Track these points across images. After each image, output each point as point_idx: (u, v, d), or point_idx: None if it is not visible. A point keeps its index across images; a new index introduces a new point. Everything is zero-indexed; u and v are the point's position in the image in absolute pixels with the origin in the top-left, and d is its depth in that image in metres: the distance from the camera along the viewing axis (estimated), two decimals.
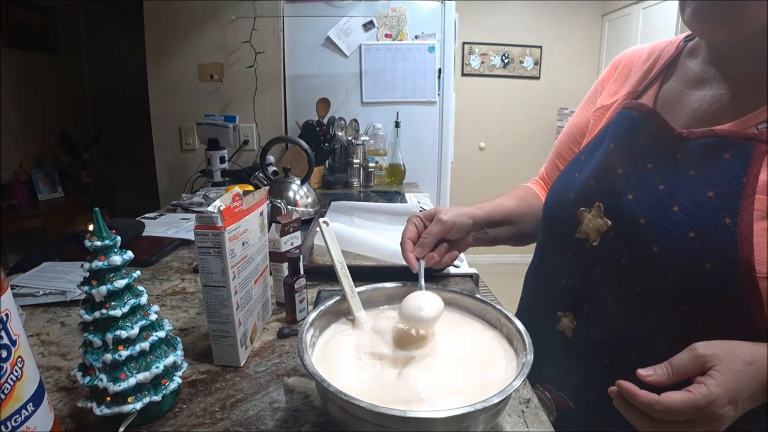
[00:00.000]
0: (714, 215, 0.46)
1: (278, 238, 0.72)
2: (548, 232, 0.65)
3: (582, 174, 0.61)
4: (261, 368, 0.60)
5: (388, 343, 0.52)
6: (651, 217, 0.51)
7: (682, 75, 0.59)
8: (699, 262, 0.46)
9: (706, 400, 0.39)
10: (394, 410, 0.38)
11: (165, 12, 2.00)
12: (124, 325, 0.47)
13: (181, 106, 2.09)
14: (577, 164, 0.64)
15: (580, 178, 0.61)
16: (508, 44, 3.64)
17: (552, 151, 0.81)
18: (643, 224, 0.51)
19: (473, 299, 0.59)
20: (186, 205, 1.53)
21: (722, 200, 0.47)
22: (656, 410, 0.40)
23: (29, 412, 0.39)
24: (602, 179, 0.57)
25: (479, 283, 0.91)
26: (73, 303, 0.79)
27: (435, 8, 2.06)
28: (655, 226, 0.50)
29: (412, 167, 2.06)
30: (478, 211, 0.70)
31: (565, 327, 0.61)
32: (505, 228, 0.73)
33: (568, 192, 0.61)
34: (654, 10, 2.85)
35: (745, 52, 0.51)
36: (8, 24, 2.53)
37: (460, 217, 0.66)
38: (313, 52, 2.07)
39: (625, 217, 0.53)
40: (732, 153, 0.48)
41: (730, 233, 0.45)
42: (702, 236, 0.46)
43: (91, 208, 0.48)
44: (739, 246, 0.44)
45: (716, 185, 0.48)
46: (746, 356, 0.41)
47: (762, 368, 0.41)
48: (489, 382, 0.45)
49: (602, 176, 0.57)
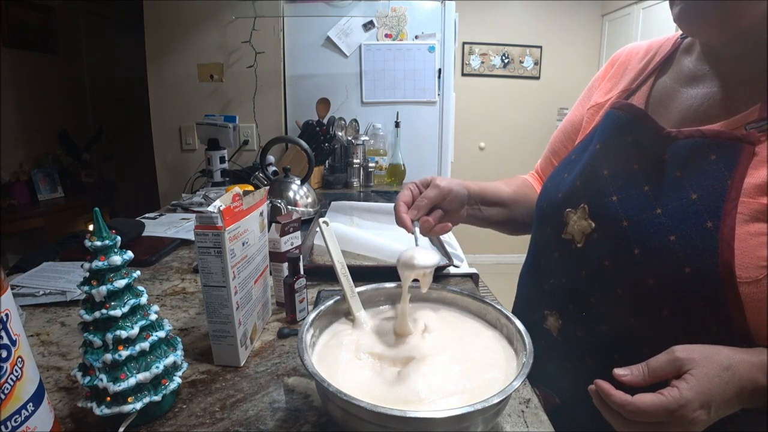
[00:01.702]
0: (696, 218, 0.46)
1: (278, 238, 0.72)
2: (539, 232, 0.66)
3: (570, 174, 0.61)
4: (261, 368, 0.60)
5: (388, 343, 0.52)
6: (634, 219, 0.50)
7: (676, 72, 0.58)
8: (679, 266, 0.46)
9: (677, 403, 0.39)
10: (394, 410, 0.38)
11: (165, 12, 1.99)
12: (124, 325, 0.47)
13: (181, 106, 2.09)
14: (567, 164, 0.64)
15: (568, 179, 0.61)
16: (508, 44, 3.64)
17: (547, 147, 0.81)
18: (625, 226, 0.51)
19: (473, 299, 0.59)
20: (186, 205, 1.53)
21: (705, 203, 0.46)
22: (628, 411, 0.40)
23: (29, 412, 0.39)
24: (588, 180, 0.57)
25: (479, 283, 0.91)
26: (73, 303, 0.79)
27: (435, 8, 2.05)
28: (638, 229, 0.50)
29: (412, 167, 2.05)
30: (473, 185, 0.70)
31: (551, 326, 0.61)
32: (499, 210, 0.74)
33: (557, 192, 0.61)
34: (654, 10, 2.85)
35: (738, 50, 0.51)
36: (8, 24, 2.53)
37: (456, 185, 0.67)
38: (313, 52, 2.07)
39: (609, 219, 0.53)
40: (718, 154, 0.47)
41: (711, 237, 0.44)
42: (683, 240, 0.46)
43: (91, 208, 0.48)
44: (719, 250, 0.43)
45: (700, 187, 0.47)
46: (723, 361, 0.41)
47: (738, 374, 0.41)
48: (489, 382, 0.45)
49: (588, 177, 0.57)
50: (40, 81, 2.80)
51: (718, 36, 0.51)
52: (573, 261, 0.57)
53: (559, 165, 0.68)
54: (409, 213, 0.62)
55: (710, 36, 0.52)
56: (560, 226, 0.59)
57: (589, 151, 0.60)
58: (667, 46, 0.62)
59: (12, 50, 2.56)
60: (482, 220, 0.73)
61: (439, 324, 0.56)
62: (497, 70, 3.68)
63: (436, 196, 0.64)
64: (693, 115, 0.53)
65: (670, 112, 0.56)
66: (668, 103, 0.56)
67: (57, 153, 2.84)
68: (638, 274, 0.49)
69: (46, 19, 2.84)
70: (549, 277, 0.62)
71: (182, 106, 2.09)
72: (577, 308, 0.57)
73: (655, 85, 0.59)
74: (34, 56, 2.75)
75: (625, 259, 0.50)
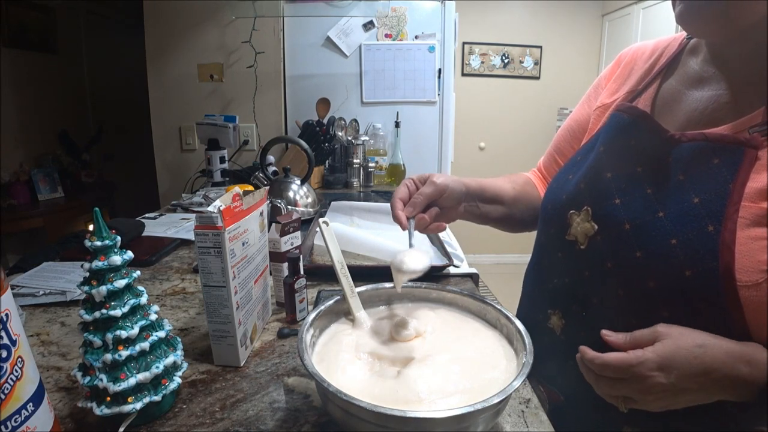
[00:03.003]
0: (698, 222, 0.46)
1: (278, 238, 0.72)
2: (544, 232, 0.66)
3: (574, 176, 0.61)
4: (261, 368, 0.60)
5: (388, 343, 0.52)
6: (636, 222, 0.51)
7: (682, 73, 0.58)
8: (680, 269, 0.46)
9: (636, 360, 0.42)
10: (394, 410, 0.38)
11: (165, 12, 1.99)
12: (124, 325, 0.47)
13: (181, 106, 2.09)
14: (572, 165, 0.65)
15: (573, 181, 0.61)
16: (508, 44, 3.64)
17: (551, 145, 0.80)
18: (627, 229, 0.51)
19: (473, 299, 0.59)
20: (186, 205, 1.53)
21: (707, 207, 0.46)
22: (596, 365, 0.45)
23: (29, 412, 0.40)
24: (591, 183, 0.58)
25: (479, 283, 0.91)
26: (73, 303, 0.79)
27: (435, 8, 2.06)
28: (640, 232, 0.50)
29: (412, 167, 2.05)
30: (471, 182, 0.71)
31: (554, 325, 0.62)
32: (497, 207, 0.74)
33: (561, 194, 0.62)
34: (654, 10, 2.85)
35: (741, 50, 0.51)
36: (8, 24, 2.53)
37: (453, 182, 0.67)
38: (313, 52, 2.07)
39: (611, 222, 0.53)
40: (721, 158, 0.47)
41: (712, 241, 0.45)
42: (684, 243, 0.46)
43: (91, 208, 0.48)
44: (720, 254, 0.44)
45: (703, 191, 0.47)
46: (698, 339, 0.43)
47: (711, 353, 0.42)
48: (489, 382, 0.45)
49: (591, 180, 0.58)
50: (40, 81, 2.80)
51: (720, 35, 0.51)
52: (576, 262, 0.57)
53: (564, 166, 0.68)
54: (405, 210, 0.62)
55: (712, 35, 0.52)
56: (564, 227, 0.59)
57: (593, 154, 0.60)
58: (673, 47, 0.61)
59: (12, 50, 2.56)
60: (479, 217, 0.73)
61: (439, 324, 0.56)
62: (497, 70, 3.68)
63: (433, 193, 0.64)
64: (698, 117, 0.53)
65: (675, 115, 0.56)
66: (674, 105, 0.56)
67: (57, 153, 2.83)
68: (639, 277, 0.49)
69: (46, 19, 2.84)
70: (552, 277, 0.62)
71: (182, 106, 2.09)
72: (579, 308, 0.58)
73: (661, 87, 0.59)
74: (34, 56, 2.75)
75: (627, 262, 0.51)
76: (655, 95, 0.59)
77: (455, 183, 0.67)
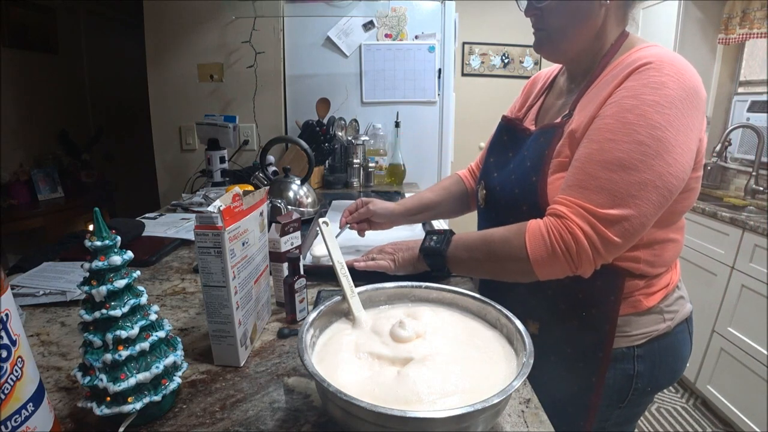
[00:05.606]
0: (527, 176, 0.73)
1: (278, 238, 0.72)
2: None
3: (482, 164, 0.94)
4: (261, 368, 0.60)
5: (388, 343, 0.52)
6: (502, 184, 0.80)
7: (556, 89, 0.84)
8: (520, 205, 0.75)
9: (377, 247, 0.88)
10: (394, 410, 0.38)
11: (165, 12, 1.99)
12: (124, 325, 0.47)
13: (181, 106, 2.09)
14: None
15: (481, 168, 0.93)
16: (508, 44, 3.64)
17: None
18: (498, 189, 0.81)
19: (473, 299, 0.59)
20: (186, 205, 1.53)
21: (533, 166, 0.73)
22: None
23: (29, 412, 0.40)
24: (484, 166, 0.89)
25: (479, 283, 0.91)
26: (73, 303, 0.79)
27: (435, 8, 2.06)
28: (503, 189, 0.79)
29: (412, 167, 2.06)
30: (398, 207, 1.03)
31: None
32: (425, 214, 1.06)
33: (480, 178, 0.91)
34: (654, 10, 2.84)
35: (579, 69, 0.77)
36: (8, 24, 2.53)
37: (381, 210, 1.02)
38: (313, 52, 2.07)
39: (491, 187, 0.83)
40: (545, 137, 0.73)
41: (534, 186, 0.72)
42: (522, 190, 0.74)
43: (91, 208, 0.48)
44: (539, 193, 0.71)
45: (532, 158, 0.74)
46: (411, 244, 0.84)
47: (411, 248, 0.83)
48: (489, 382, 0.45)
49: (484, 164, 0.89)
50: (40, 81, 2.80)
51: (561, 60, 0.80)
52: (483, 214, 0.87)
53: None
54: (347, 218, 1.02)
55: (556, 60, 0.80)
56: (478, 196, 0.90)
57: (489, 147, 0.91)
58: (554, 70, 0.89)
59: (12, 50, 2.56)
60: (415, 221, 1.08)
61: (439, 324, 0.56)
62: (497, 70, 3.68)
63: (364, 213, 1.02)
64: (552, 117, 0.79)
65: (545, 118, 0.82)
66: (546, 113, 0.83)
67: (57, 153, 2.84)
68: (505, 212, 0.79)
69: (46, 19, 2.84)
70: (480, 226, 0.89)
71: (182, 106, 2.09)
72: None
73: (545, 101, 0.85)
74: (34, 56, 2.76)
75: (498, 206, 0.81)
76: (540, 107, 0.85)
77: (383, 211, 1.01)
